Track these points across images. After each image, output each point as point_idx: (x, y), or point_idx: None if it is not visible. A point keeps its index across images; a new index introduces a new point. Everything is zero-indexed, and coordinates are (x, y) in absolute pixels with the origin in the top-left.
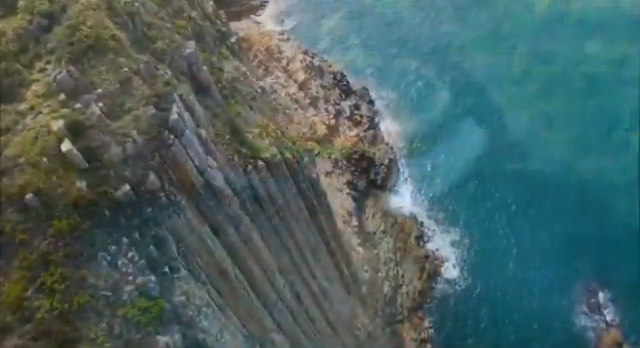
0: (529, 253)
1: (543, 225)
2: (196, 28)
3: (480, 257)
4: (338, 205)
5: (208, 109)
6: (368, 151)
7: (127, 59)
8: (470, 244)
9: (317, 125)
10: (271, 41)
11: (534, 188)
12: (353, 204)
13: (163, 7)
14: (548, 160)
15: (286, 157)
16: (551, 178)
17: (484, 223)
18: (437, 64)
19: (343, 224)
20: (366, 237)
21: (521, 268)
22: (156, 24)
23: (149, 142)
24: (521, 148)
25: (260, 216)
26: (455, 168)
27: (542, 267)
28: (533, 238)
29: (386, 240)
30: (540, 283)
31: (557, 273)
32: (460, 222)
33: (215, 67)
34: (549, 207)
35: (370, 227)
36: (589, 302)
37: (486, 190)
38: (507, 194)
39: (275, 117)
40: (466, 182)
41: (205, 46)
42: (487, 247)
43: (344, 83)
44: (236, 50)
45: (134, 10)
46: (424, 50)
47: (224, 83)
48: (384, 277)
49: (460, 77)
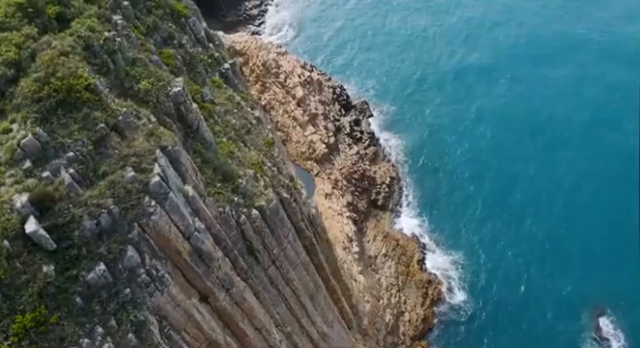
0: (536, 275)
1: (550, 246)
2: (186, 56)
3: (485, 280)
4: (338, 230)
5: (197, 154)
6: (369, 170)
7: (103, 112)
8: (475, 266)
9: (316, 144)
10: (268, 55)
11: (541, 208)
12: (353, 228)
13: (150, 36)
14: (554, 180)
15: (283, 197)
16: (558, 198)
17: (489, 243)
18: (440, 76)
19: (343, 251)
20: (367, 262)
21: (528, 291)
22: (141, 59)
23: (127, 212)
24: (526, 167)
25: (255, 268)
26: (458, 185)
27: (549, 291)
28: (540, 260)
29: (388, 264)
30: (547, 307)
31: (565, 297)
32: (464, 242)
33: (206, 100)
34: (556, 227)
35: (371, 251)
36: (598, 327)
37: (491, 208)
38: (512, 213)
39: (271, 151)
40: (469, 200)
41: (196, 76)
42: (492, 269)
43: (344, 97)
44: (230, 76)
45: (115, 47)
46: (427, 61)
47: (216, 118)
48: (386, 304)
49: (464, 90)
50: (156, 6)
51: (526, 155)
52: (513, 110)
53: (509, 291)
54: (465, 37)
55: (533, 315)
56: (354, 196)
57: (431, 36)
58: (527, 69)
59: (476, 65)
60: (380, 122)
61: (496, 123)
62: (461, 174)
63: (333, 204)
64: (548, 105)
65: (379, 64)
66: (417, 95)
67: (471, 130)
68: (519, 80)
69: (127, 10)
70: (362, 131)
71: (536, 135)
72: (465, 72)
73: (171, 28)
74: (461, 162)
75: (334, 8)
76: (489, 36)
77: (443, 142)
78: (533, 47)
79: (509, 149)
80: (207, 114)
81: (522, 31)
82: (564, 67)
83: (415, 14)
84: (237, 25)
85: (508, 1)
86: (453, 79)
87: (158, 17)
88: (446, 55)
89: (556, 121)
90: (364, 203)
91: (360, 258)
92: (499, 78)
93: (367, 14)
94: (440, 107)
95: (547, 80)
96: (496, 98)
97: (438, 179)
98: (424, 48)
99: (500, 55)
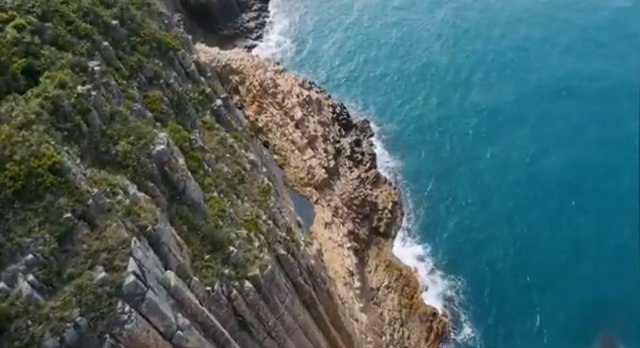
0: (545, 304)
1: (558, 272)
2: (174, 97)
3: (492, 310)
4: (338, 264)
5: (183, 220)
6: (370, 195)
7: (70, 198)
8: (481, 295)
9: (315, 169)
10: (265, 74)
11: (549, 232)
12: (355, 260)
13: (134, 78)
14: (560, 204)
15: (280, 254)
16: (565, 222)
17: (496, 270)
18: (446, 93)
19: (344, 287)
20: (369, 295)
21: (537, 322)
22: (120, 113)
23: (97, 322)
24: (534, 188)
25: (248, 342)
26: (463, 209)
27: (558, 322)
28: (549, 287)
29: (390, 296)
30: (556, 340)
31: (574, 327)
32: (470, 270)
33: (196, 148)
34: (564, 253)
35: (373, 282)
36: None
37: (498, 234)
38: (520, 239)
39: (266, 201)
40: (475, 225)
41: (184, 119)
42: (500, 298)
43: (344, 116)
44: (222, 113)
45: (89, 105)
46: (432, 77)
47: (206, 167)
48: (389, 341)
49: (471, 110)
50: (141, 42)
51: (532, 176)
52: (520, 131)
53: (517, 321)
54: (475, 54)
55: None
56: (355, 223)
57: (437, 50)
58: (540, 88)
59: (486, 83)
60: (382, 142)
61: (503, 146)
62: (466, 197)
63: (333, 234)
64: (551, 129)
65: (381, 79)
66: (421, 113)
67: (477, 152)
68: (530, 99)
69: (107, 51)
70: (363, 152)
71: (543, 159)
72: (473, 90)
73: (157, 65)
74: (466, 184)
75: (333, 20)
76: (502, 52)
77: (447, 164)
78: (547, 73)
79: (515, 173)
80: (196, 165)
81: (533, 46)
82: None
83: (419, 26)
84: (234, 38)
85: (525, 16)
86: (460, 97)
87: (143, 54)
88: (453, 71)
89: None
90: (365, 230)
91: (362, 293)
92: (509, 98)
93: (367, 26)
94: (445, 126)
95: (554, 114)
96: (506, 120)
97: (442, 203)
98: (429, 63)
99: (513, 75)
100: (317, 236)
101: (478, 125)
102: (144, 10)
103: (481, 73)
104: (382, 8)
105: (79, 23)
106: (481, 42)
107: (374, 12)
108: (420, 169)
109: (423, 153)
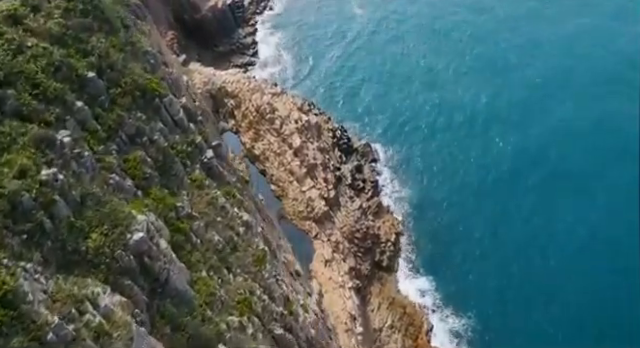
0: (562, 344)
1: (576, 310)
2: (158, 156)
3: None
4: (340, 308)
5: (166, 319)
6: (372, 226)
7: (25, 336)
8: (492, 334)
9: (315, 201)
10: (262, 99)
11: (565, 267)
12: (356, 301)
13: (113, 139)
14: (572, 237)
15: (276, 335)
16: (582, 258)
17: (507, 306)
18: (454, 116)
19: (345, 334)
20: (372, 337)
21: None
22: (92, 195)
23: None
24: (544, 222)
25: None
26: (470, 241)
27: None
28: (566, 324)
29: (394, 338)
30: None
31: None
32: (478, 306)
33: (182, 216)
34: (583, 291)
35: (376, 322)
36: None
37: (508, 267)
38: (532, 273)
39: (261, 271)
40: (483, 259)
41: (170, 181)
42: (512, 339)
43: (344, 140)
44: (214, 166)
45: (54, 195)
46: (441, 99)
47: (194, 240)
48: None
49: (479, 134)
50: (122, 93)
51: (544, 209)
52: (526, 158)
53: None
54: (485, 73)
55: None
56: (357, 258)
57: (443, 66)
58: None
59: (497, 109)
60: (384, 167)
61: (515, 176)
62: (474, 227)
63: (334, 273)
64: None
65: (384, 98)
66: (427, 136)
67: (485, 178)
68: (543, 128)
69: (81, 113)
70: (364, 180)
71: (557, 191)
72: (484, 115)
73: (140, 119)
74: (474, 215)
75: (333, 34)
76: (520, 72)
77: (453, 190)
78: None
79: (526, 205)
80: (183, 239)
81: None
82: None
83: (424, 40)
84: (230, 55)
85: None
86: (469, 121)
87: (124, 108)
88: (461, 90)
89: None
90: (367, 265)
91: (364, 339)
92: (521, 125)
93: (369, 41)
94: (452, 150)
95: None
96: (518, 150)
97: (448, 234)
98: (438, 83)
99: (532, 99)
100: (317, 275)
101: (487, 149)
102: (127, 51)
103: (500, 98)
104: (385, 21)
105: (48, 84)
106: (492, 54)
107: (376, 26)
108: (424, 196)
109: (428, 179)
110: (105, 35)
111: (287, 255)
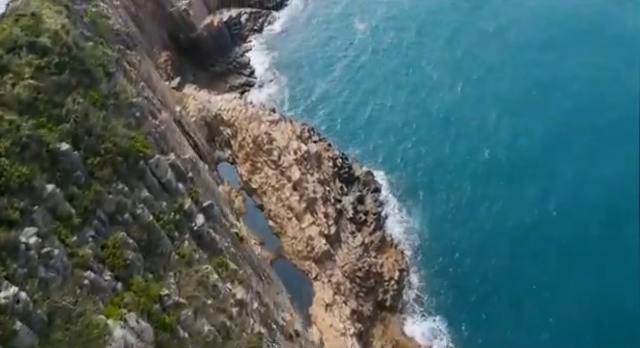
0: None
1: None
2: (142, 235)
3: None
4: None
5: None
6: (375, 264)
7: None
8: None
9: (315, 240)
10: (260, 128)
11: (582, 304)
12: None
13: (90, 223)
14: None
15: None
16: (606, 293)
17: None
18: (459, 141)
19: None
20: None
21: None
22: (63, 308)
23: None
24: (554, 254)
25: None
26: (479, 277)
27: None
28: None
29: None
30: None
31: None
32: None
33: (168, 307)
34: (607, 327)
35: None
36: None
37: (518, 307)
38: (545, 313)
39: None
40: (491, 297)
41: (155, 262)
42: None
43: (345, 170)
44: (204, 234)
45: (14, 323)
46: (447, 123)
47: (181, 334)
48: None
49: (488, 159)
50: (102, 163)
51: (553, 240)
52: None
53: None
54: (495, 97)
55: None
56: (358, 299)
57: (449, 87)
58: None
59: (512, 139)
60: (388, 197)
61: (529, 206)
62: (487, 263)
63: (335, 320)
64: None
65: (387, 121)
66: (432, 161)
67: (496, 213)
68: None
69: (52, 199)
70: (367, 212)
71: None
72: (495, 137)
73: (122, 191)
74: (483, 250)
75: (332, 54)
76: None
77: (462, 225)
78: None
79: (534, 236)
80: (169, 337)
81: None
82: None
83: (437, 59)
84: (226, 75)
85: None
86: (481, 146)
87: (104, 182)
88: (469, 112)
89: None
90: (370, 306)
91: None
92: (537, 154)
93: (371, 58)
94: (461, 178)
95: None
96: (535, 175)
97: (455, 270)
98: (444, 105)
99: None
100: (317, 320)
101: (494, 177)
102: (109, 106)
103: (509, 117)
104: (387, 38)
105: (11, 171)
106: (506, 79)
107: (378, 43)
108: (429, 228)
109: (434, 209)
110: (85, 90)
111: (285, 314)
